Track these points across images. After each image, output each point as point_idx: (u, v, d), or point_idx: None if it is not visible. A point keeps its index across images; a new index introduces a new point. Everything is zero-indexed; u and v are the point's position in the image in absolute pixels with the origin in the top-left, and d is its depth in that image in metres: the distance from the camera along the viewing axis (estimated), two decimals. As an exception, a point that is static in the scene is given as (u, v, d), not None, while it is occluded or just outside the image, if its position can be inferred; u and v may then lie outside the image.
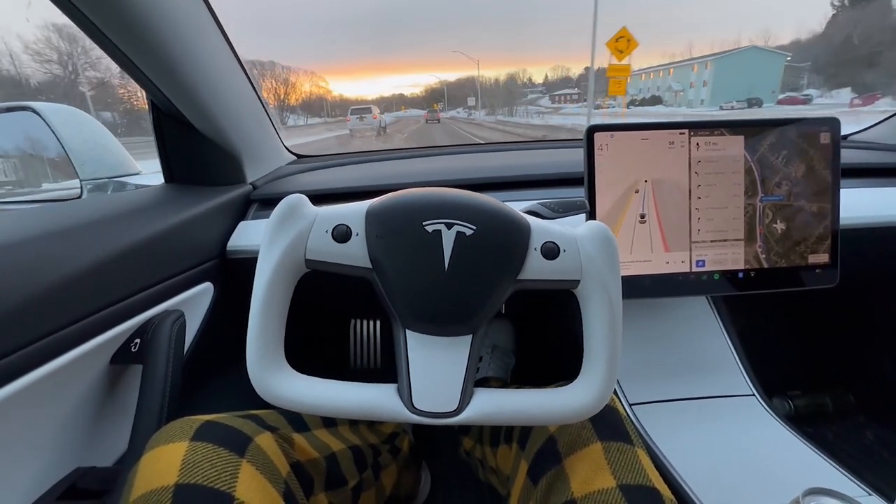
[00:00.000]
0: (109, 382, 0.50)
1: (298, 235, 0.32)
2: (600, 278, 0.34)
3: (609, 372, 0.34)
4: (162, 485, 0.32)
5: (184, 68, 0.60)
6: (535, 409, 0.34)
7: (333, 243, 0.33)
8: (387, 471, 0.59)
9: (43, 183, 1.13)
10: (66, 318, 0.42)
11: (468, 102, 63.24)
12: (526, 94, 53.57)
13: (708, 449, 0.58)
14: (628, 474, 0.37)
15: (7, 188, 1.20)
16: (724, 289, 0.64)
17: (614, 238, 0.34)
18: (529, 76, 67.59)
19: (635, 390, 0.67)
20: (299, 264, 0.33)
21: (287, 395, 0.33)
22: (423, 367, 0.34)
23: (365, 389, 0.34)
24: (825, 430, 0.89)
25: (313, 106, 78.64)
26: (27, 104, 0.82)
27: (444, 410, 0.33)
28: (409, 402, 0.33)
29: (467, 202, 0.33)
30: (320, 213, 0.33)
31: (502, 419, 0.34)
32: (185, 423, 0.37)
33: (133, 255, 0.50)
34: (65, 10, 0.48)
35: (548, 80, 56.23)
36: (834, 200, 0.63)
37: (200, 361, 0.64)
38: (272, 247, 0.32)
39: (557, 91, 43.06)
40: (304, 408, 0.33)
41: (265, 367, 0.33)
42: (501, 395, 0.35)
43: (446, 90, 67.66)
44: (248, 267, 0.68)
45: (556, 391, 0.35)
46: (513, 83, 68.80)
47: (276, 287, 0.32)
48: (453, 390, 0.33)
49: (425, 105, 68.80)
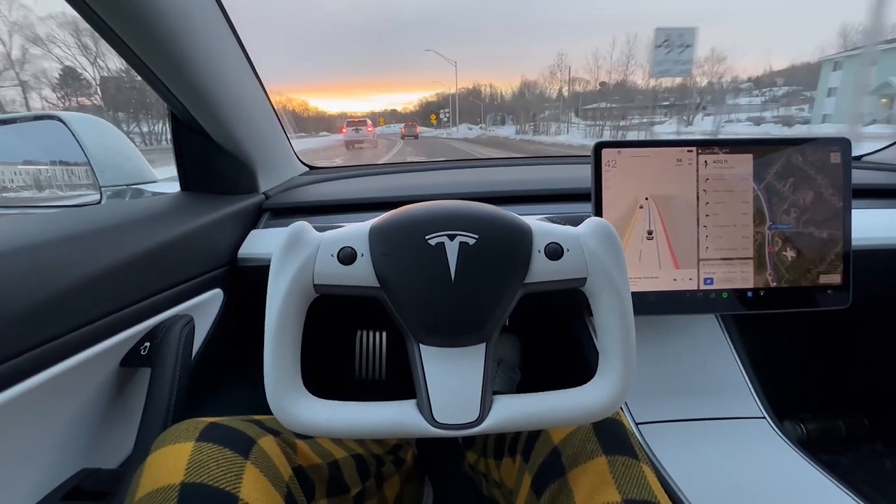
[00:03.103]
0: (118, 385, 0.51)
1: (305, 262, 0.33)
2: (607, 273, 0.34)
3: (627, 365, 0.34)
4: (168, 483, 0.33)
5: (202, 80, 0.62)
6: (557, 410, 0.34)
7: (340, 266, 0.33)
8: (390, 482, 0.58)
9: (65, 189, 1.17)
10: (78, 321, 0.43)
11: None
12: (545, 108, 48.77)
13: (716, 472, 0.56)
14: (633, 489, 0.36)
15: (31, 191, 1.24)
16: (732, 308, 0.63)
17: (616, 233, 0.34)
18: (540, 90, 60.55)
19: (642, 409, 0.66)
20: (309, 290, 0.33)
21: (308, 422, 0.33)
22: (441, 379, 0.34)
23: (385, 408, 0.34)
24: (840, 456, 0.86)
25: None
26: (54, 113, 0.86)
27: (465, 421, 0.33)
28: (430, 416, 0.33)
29: (467, 212, 0.34)
30: (324, 238, 0.34)
31: (525, 424, 0.34)
32: (190, 425, 0.37)
33: (146, 261, 0.52)
34: (84, 14, 0.49)
35: (562, 95, 51.27)
36: (846, 221, 0.62)
37: (208, 366, 0.65)
38: (280, 276, 0.33)
39: (588, 105, 38.82)
40: (328, 433, 0.33)
41: (284, 395, 0.33)
42: (521, 400, 0.35)
43: (457, 100, 56.68)
44: (258, 275, 0.70)
45: (575, 391, 0.35)
46: (530, 95, 60.64)
47: (288, 315, 0.33)
48: (473, 400, 0.33)
49: (420, 121, 60.58)
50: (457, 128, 41.65)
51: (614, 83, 34.53)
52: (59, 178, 1.15)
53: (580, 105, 44.57)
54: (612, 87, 34.96)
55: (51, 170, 1.16)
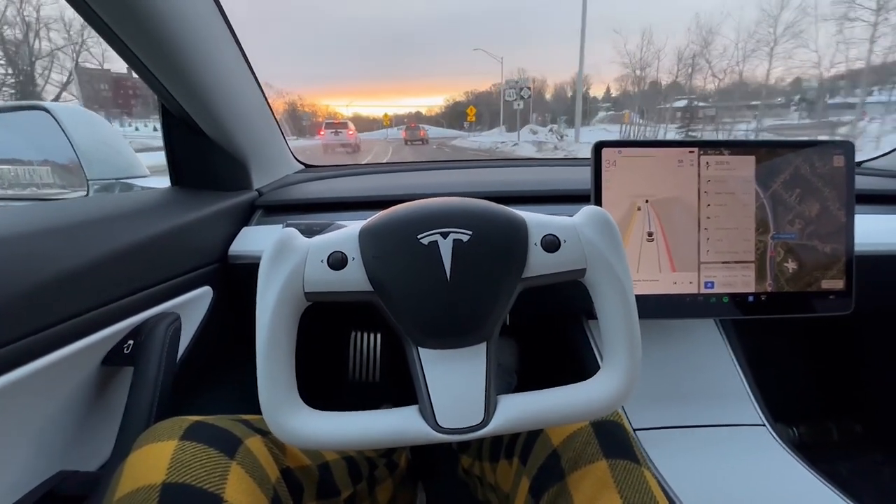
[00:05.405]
0: (99, 384, 0.49)
1: (294, 270, 0.32)
2: (606, 262, 0.33)
3: (632, 355, 0.33)
4: (149, 483, 0.31)
5: (195, 73, 0.61)
6: (564, 406, 0.33)
7: (331, 272, 0.32)
8: (382, 486, 0.57)
9: (52, 181, 1.14)
10: (58, 315, 0.41)
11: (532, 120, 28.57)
12: (596, 110, 43.15)
13: (715, 479, 0.55)
14: (636, 495, 0.35)
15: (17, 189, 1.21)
16: (732, 312, 0.62)
17: (612, 220, 0.33)
18: (586, 89, 52.21)
19: (639, 415, 0.65)
20: (300, 299, 0.32)
21: (307, 435, 0.32)
22: (442, 383, 0.33)
23: (386, 417, 0.33)
24: (839, 465, 0.86)
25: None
26: (40, 104, 0.84)
27: (470, 424, 0.32)
28: (434, 421, 0.32)
29: (459, 208, 0.33)
30: (313, 244, 0.33)
31: (531, 423, 0.33)
32: (174, 423, 0.36)
33: (132, 255, 0.50)
34: (78, 8, 0.48)
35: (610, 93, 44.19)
36: (849, 226, 0.62)
37: (195, 366, 0.63)
38: (269, 286, 0.31)
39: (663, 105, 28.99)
40: (327, 445, 0.32)
41: (278, 408, 0.32)
42: (526, 399, 0.34)
43: (502, 97, 30.22)
44: (249, 272, 0.68)
45: (581, 385, 0.34)
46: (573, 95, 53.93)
47: (279, 326, 0.32)
48: (476, 402, 0.32)
49: (446, 123, 50.50)
50: (512, 133, 23.44)
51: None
52: (42, 177, 1.12)
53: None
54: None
55: (34, 170, 1.12)
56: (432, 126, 39.41)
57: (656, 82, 27.89)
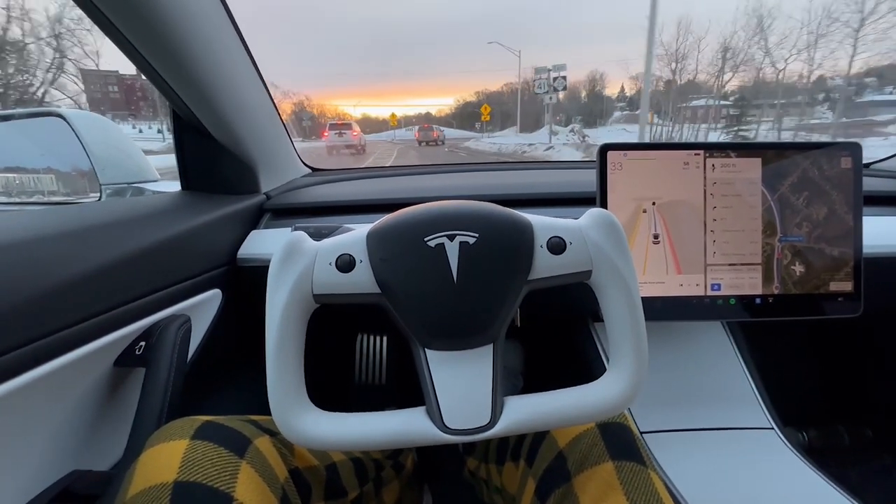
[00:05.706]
0: (112, 385, 0.50)
1: (303, 272, 0.32)
2: (612, 264, 0.33)
3: (639, 356, 0.33)
4: (161, 481, 0.32)
5: (205, 78, 0.62)
6: (570, 408, 0.33)
7: (339, 274, 0.32)
8: (389, 487, 0.57)
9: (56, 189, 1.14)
10: (72, 318, 0.42)
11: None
12: (612, 110, 41.79)
13: (723, 483, 0.55)
14: (642, 497, 0.35)
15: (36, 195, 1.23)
16: (740, 315, 0.62)
17: (618, 222, 0.34)
18: (599, 88, 50.82)
19: (646, 418, 0.65)
20: (308, 301, 0.33)
21: (315, 436, 0.32)
22: (449, 384, 0.33)
23: (394, 417, 0.33)
24: (849, 470, 0.85)
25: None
26: (55, 110, 0.86)
27: (477, 425, 0.32)
28: (441, 422, 0.32)
29: (465, 211, 0.33)
30: (321, 247, 0.33)
31: (538, 424, 0.33)
32: (185, 422, 0.37)
33: (143, 258, 0.51)
34: (89, 12, 0.49)
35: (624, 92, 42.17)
36: (857, 228, 0.61)
37: (205, 367, 0.64)
38: (279, 287, 0.32)
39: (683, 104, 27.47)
40: (336, 446, 0.32)
41: (288, 410, 0.32)
42: (532, 400, 0.34)
43: (520, 96, 33.58)
44: (257, 275, 0.69)
45: (587, 387, 0.34)
46: (594, 95, 48.56)
47: (289, 328, 0.32)
48: (483, 403, 0.33)
49: (456, 123, 50.81)
50: (553, 135, 21.42)
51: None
52: (46, 185, 1.12)
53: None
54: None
55: (38, 178, 1.12)
56: (443, 127, 38.30)
57: (693, 81, 26.07)
